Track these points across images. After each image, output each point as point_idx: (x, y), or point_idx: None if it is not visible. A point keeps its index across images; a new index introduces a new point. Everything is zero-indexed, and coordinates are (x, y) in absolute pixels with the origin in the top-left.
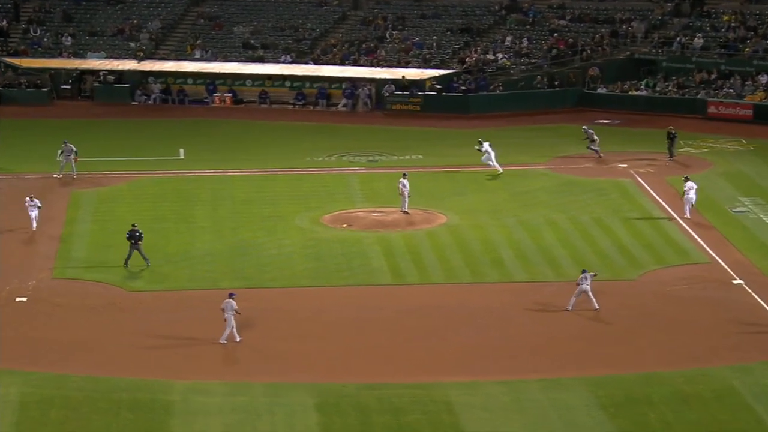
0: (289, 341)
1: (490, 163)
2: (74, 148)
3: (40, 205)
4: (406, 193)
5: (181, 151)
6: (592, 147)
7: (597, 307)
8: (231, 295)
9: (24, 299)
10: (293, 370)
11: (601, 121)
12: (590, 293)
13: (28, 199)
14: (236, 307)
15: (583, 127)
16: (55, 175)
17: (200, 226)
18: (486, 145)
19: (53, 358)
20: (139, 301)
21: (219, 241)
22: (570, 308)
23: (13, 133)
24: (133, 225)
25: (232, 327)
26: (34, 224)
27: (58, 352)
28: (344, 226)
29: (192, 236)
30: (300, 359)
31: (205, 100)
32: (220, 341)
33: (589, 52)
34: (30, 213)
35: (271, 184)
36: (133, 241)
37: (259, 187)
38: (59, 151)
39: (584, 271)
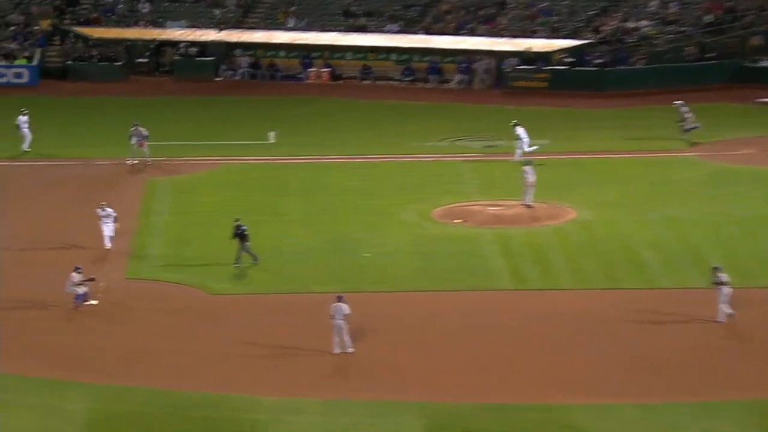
0: (394, 354)
1: (523, 151)
2: (145, 132)
3: (115, 214)
4: (530, 184)
5: (271, 134)
6: (688, 126)
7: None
8: (339, 298)
9: (94, 303)
10: (398, 386)
11: (762, 100)
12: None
13: (99, 209)
14: (348, 312)
15: (676, 102)
16: (128, 161)
17: (291, 219)
18: (520, 130)
19: (124, 369)
20: (222, 305)
21: (313, 238)
22: (722, 319)
23: (82, 112)
24: (237, 220)
25: (344, 335)
26: (108, 242)
27: (130, 362)
28: (457, 221)
29: (282, 231)
30: (407, 374)
31: (299, 75)
32: (334, 352)
33: (751, 18)
34: (103, 227)
35: (374, 173)
36: (240, 240)
37: (359, 176)
38: (128, 134)
39: (716, 269)
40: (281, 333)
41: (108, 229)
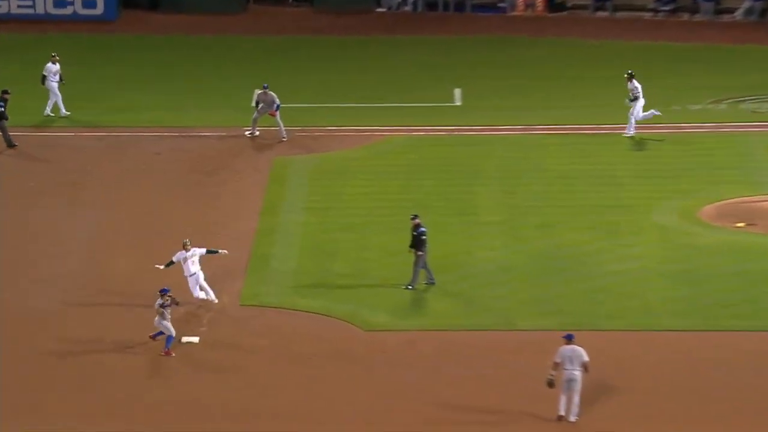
0: (649, 425)
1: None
2: (277, 100)
3: (204, 252)
4: None
5: (457, 92)
6: None
7: None
8: (570, 338)
9: (194, 340)
10: None
11: None
12: None
13: (181, 253)
14: (586, 358)
15: None
16: (246, 132)
17: (484, 220)
18: (635, 85)
19: None
20: (382, 346)
21: (515, 247)
22: None
23: (186, 59)
24: (415, 218)
25: (574, 394)
26: (198, 292)
27: (244, 427)
28: (740, 225)
29: (470, 237)
30: None
31: (501, 4)
32: (559, 413)
33: None
34: (186, 271)
35: (610, 151)
36: (418, 249)
37: (586, 155)
38: (254, 99)
39: None
40: (473, 388)
41: (193, 278)
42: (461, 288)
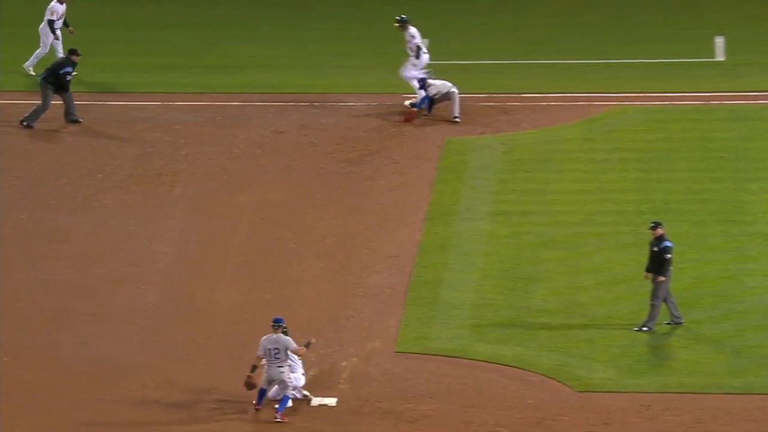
0: None
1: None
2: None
3: (302, 375)
4: None
5: (718, 42)
6: None
7: None
8: None
9: (331, 402)
10: None
11: None
12: None
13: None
14: None
15: None
16: (406, 103)
17: (760, 231)
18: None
19: None
20: (605, 416)
21: None
22: None
23: None
24: (655, 226)
25: None
26: (292, 390)
27: None
28: None
29: (738, 257)
30: None
31: None
32: None
33: None
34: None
35: None
36: (658, 269)
37: None
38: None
39: None
40: None
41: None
42: (723, 331)
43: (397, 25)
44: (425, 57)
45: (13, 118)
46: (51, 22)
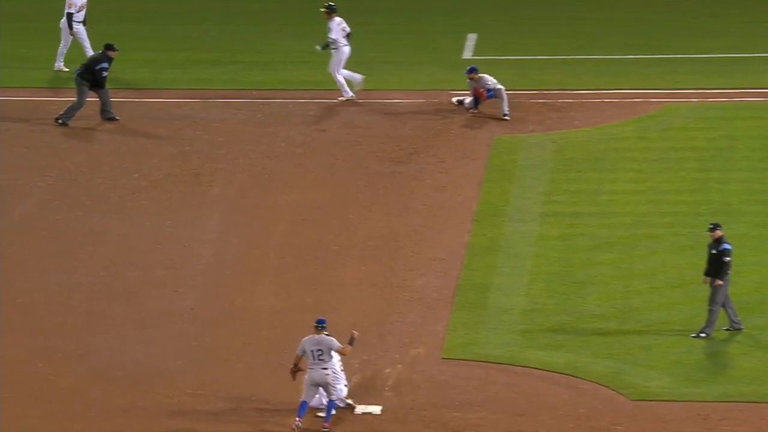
0: None
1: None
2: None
3: (344, 386)
4: None
5: None
6: None
7: None
8: None
9: (376, 411)
10: None
11: None
12: None
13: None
14: None
15: None
16: (453, 99)
17: None
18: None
19: None
20: (662, 425)
21: None
22: None
23: None
24: (714, 228)
25: None
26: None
27: None
28: None
29: None
30: None
31: None
32: None
33: None
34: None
35: None
36: (716, 272)
37: None
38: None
39: None
40: None
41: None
42: None
43: (324, 10)
44: (346, 50)
45: (48, 115)
46: (70, 15)
